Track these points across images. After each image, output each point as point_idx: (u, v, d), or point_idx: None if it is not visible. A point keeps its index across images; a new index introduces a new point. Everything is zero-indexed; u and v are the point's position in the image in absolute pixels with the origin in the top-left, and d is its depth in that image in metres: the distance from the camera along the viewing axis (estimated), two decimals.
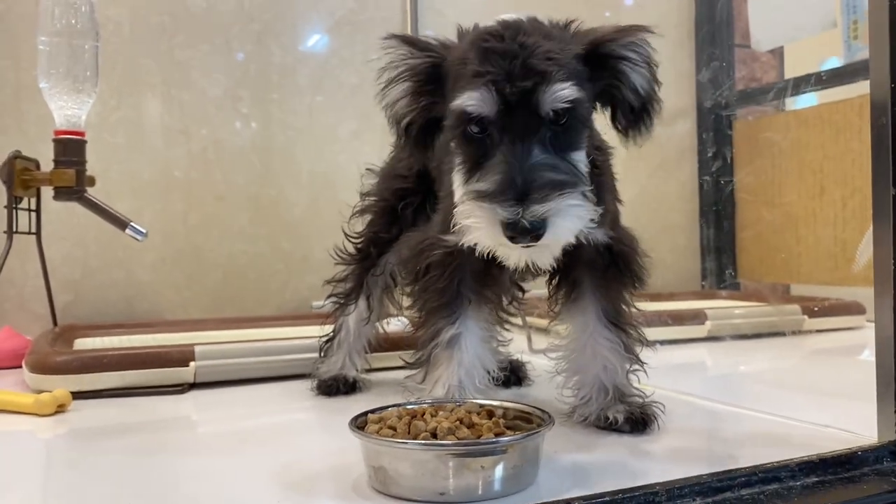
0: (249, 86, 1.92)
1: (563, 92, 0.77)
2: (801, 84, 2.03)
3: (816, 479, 0.72)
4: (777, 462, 0.72)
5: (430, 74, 0.87)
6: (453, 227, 0.84)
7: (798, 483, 0.71)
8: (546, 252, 0.83)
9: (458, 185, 0.84)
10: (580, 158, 0.82)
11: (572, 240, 0.81)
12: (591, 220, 0.80)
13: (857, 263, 0.97)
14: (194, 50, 1.87)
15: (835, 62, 2.04)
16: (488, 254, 0.85)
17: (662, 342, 1.59)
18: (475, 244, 0.81)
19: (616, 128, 0.89)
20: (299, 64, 1.98)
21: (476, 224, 0.77)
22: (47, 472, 0.87)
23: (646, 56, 0.84)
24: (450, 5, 2.13)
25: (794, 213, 2.10)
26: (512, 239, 0.75)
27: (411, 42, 0.87)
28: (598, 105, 0.89)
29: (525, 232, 0.74)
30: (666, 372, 1.38)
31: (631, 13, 2.35)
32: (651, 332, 1.56)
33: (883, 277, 0.80)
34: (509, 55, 0.77)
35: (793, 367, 1.51)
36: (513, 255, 0.82)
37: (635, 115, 0.87)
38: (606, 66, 0.84)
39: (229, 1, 1.90)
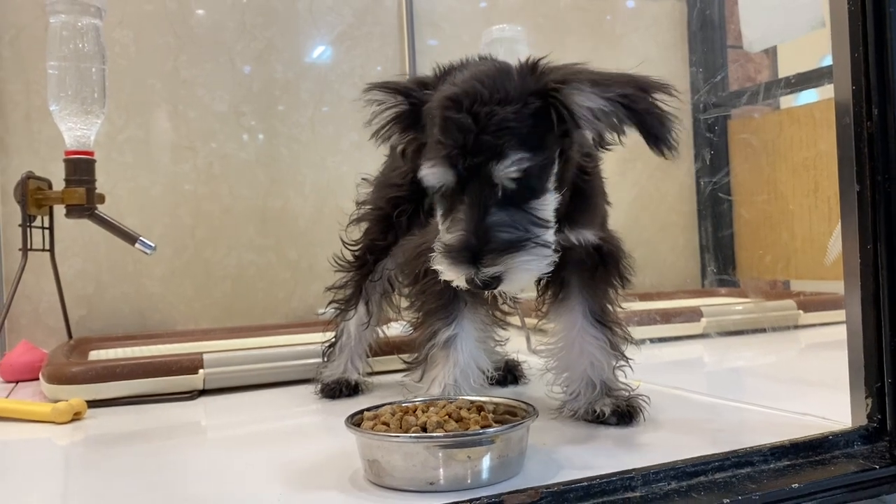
0: (253, 101, 1.98)
1: (512, 167, 0.82)
2: (773, 87, 2.08)
3: (788, 462, 0.76)
4: (750, 447, 0.76)
5: (411, 115, 0.94)
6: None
7: (770, 466, 0.75)
8: (510, 289, 0.88)
9: (439, 227, 0.91)
10: (542, 204, 0.87)
11: (531, 281, 0.89)
12: (550, 263, 0.85)
13: (828, 257, 1.00)
14: (199, 68, 1.93)
15: (829, 61, 2.07)
16: None
17: (659, 339, 1.64)
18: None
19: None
20: (301, 78, 2.03)
21: (445, 271, 0.85)
22: (66, 475, 0.91)
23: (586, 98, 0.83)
24: (446, 19, 2.18)
25: (789, 210, 2.13)
26: (475, 288, 0.84)
27: (391, 89, 0.95)
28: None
29: (479, 288, 0.83)
30: (659, 367, 1.43)
31: (627, 16, 2.40)
32: (648, 330, 1.62)
33: (851, 271, 0.84)
34: (464, 129, 0.83)
35: (783, 361, 1.54)
36: (483, 291, 0.90)
37: (600, 140, 0.90)
38: (559, 108, 0.85)
39: (232, 19, 1.96)
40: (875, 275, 0.81)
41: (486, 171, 0.83)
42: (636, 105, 0.82)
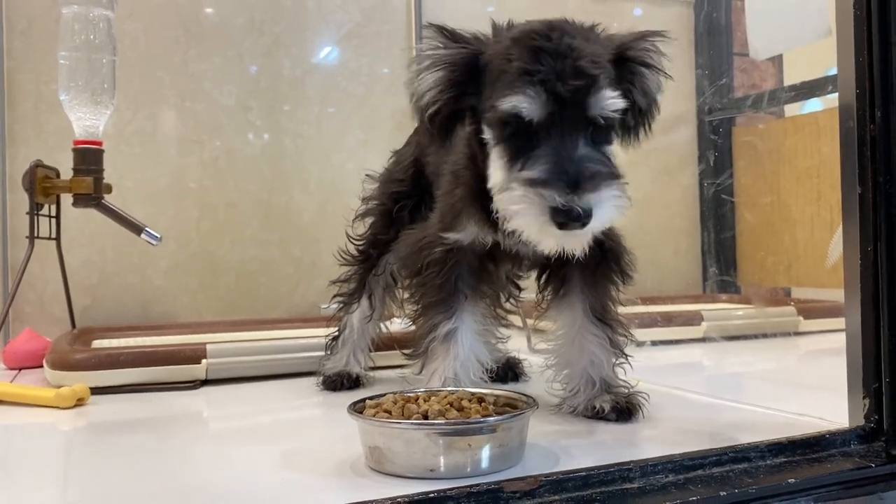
0: (260, 97, 2.00)
1: (612, 100, 0.81)
2: (776, 95, 2.09)
3: (784, 459, 0.77)
4: (747, 443, 0.77)
5: (466, 66, 0.88)
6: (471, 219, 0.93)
7: (766, 462, 0.76)
8: (582, 239, 0.84)
9: (498, 174, 0.85)
10: (611, 152, 0.86)
11: (614, 221, 0.84)
12: (625, 210, 0.82)
13: (829, 260, 1.01)
14: (207, 63, 1.94)
15: (835, 71, 2.09)
16: (483, 249, 0.92)
17: (660, 342, 1.65)
18: (518, 229, 0.83)
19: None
20: (308, 75, 2.04)
21: (524, 209, 0.79)
22: (68, 459, 0.93)
23: (659, 61, 0.89)
24: (453, 20, 2.16)
25: (792, 218, 2.14)
26: (561, 225, 0.78)
27: (449, 34, 0.89)
28: None
29: (577, 218, 0.77)
30: (660, 369, 1.44)
31: (635, 22, 2.41)
32: (649, 333, 1.63)
33: (851, 272, 0.85)
34: (560, 55, 0.80)
35: (783, 365, 1.55)
36: (550, 242, 0.83)
37: (638, 118, 0.91)
38: (626, 68, 0.88)
39: (241, 15, 1.98)
40: (875, 276, 0.82)
41: (583, 101, 0.79)
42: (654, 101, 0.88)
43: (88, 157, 1.52)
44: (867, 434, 0.81)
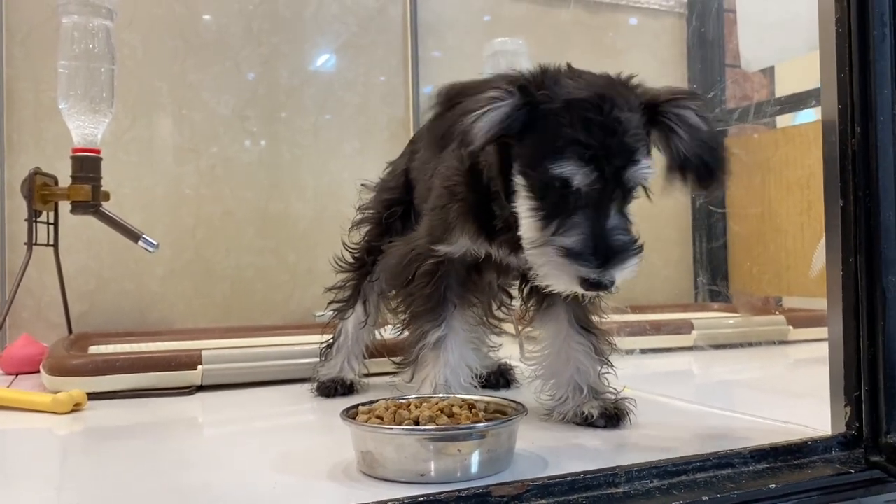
0: (257, 106, 2.02)
1: (646, 171, 0.86)
2: (764, 106, 2.12)
3: (767, 465, 0.79)
4: (730, 450, 0.79)
5: (520, 113, 0.89)
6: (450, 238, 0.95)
7: (749, 468, 0.78)
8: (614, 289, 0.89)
9: (533, 229, 0.89)
10: (630, 212, 0.90)
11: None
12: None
13: (813, 269, 1.03)
14: (205, 72, 1.96)
15: None
16: (474, 261, 0.95)
17: (650, 350, 1.67)
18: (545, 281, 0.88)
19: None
20: (305, 85, 2.07)
21: (557, 275, 0.86)
22: (65, 463, 0.94)
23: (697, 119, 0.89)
24: (449, 30, 2.22)
25: (782, 228, 2.16)
26: (587, 289, 0.85)
27: (512, 82, 0.89)
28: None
29: (604, 287, 0.85)
30: (649, 377, 1.46)
31: (628, 32, 2.44)
32: (639, 340, 1.65)
33: (834, 283, 0.87)
34: (609, 131, 0.84)
35: (770, 374, 1.57)
36: (572, 291, 0.89)
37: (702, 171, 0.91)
38: (657, 122, 0.90)
39: (239, 25, 2.00)
40: (855, 287, 0.84)
41: (622, 174, 0.85)
42: (717, 140, 0.89)
43: (87, 165, 1.54)
44: (848, 441, 0.83)
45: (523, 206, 0.90)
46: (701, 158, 0.89)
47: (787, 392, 1.32)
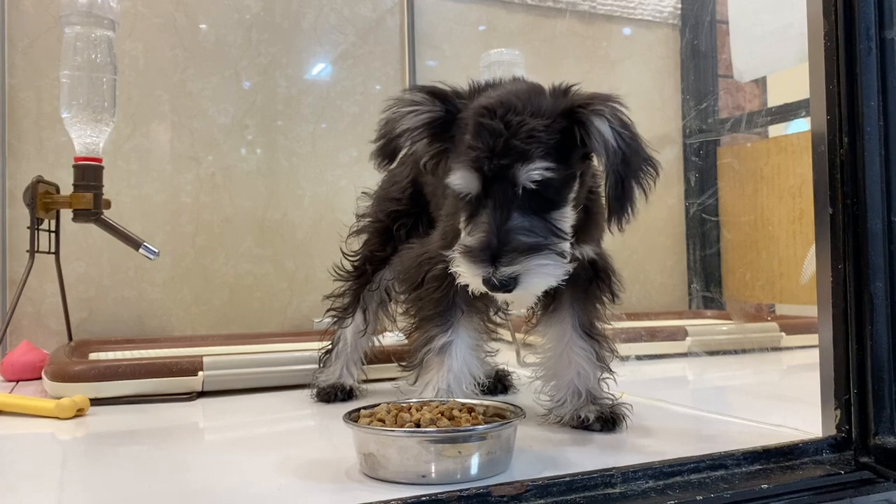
0: (256, 115, 2.04)
1: (536, 172, 0.86)
2: (755, 117, 2.15)
3: (759, 466, 0.81)
4: (724, 451, 0.81)
5: (444, 123, 0.95)
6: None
7: (742, 469, 0.80)
8: (523, 298, 0.92)
9: (461, 230, 0.94)
10: (561, 216, 0.91)
11: (546, 288, 0.90)
12: (564, 273, 0.89)
13: (803, 277, 1.05)
14: (204, 81, 1.99)
15: None
16: None
17: (645, 356, 1.69)
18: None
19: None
20: (303, 94, 2.09)
21: (462, 273, 0.90)
22: (68, 468, 0.95)
23: (612, 116, 0.88)
24: (446, 41, 2.25)
25: (775, 236, 2.19)
26: (490, 288, 0.87)
27: (432, 93, 0.95)
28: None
29: (496, 288, 0.86)
30: (644, 382, 1.48)
31: (622, 42, 2.47)
32: (635, 348, 1.67)
33: (823, 289, 0.89)
34: (495, 133, 0.87)
35: (763, 379, 1.60)
36: (496, 296, 0.93)
37: (619, 191, 0.90)
38: (580, 128, 0.90)
39: (238, 35, 2.02)
40: (844, 293, 0.86)
41: (510, 173, 0.86)
42: (631, 167, 0.88)
43: (89, 174, 1.56)
44: (838, 443, 0.85)
45: (460, 212, 0.95)
46: (617, 172, 0.88)
47: (779, 397, 1.34)
